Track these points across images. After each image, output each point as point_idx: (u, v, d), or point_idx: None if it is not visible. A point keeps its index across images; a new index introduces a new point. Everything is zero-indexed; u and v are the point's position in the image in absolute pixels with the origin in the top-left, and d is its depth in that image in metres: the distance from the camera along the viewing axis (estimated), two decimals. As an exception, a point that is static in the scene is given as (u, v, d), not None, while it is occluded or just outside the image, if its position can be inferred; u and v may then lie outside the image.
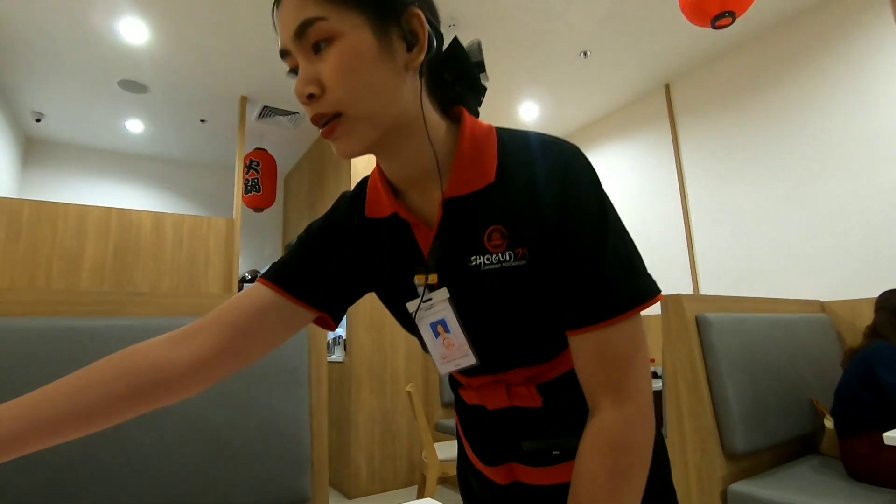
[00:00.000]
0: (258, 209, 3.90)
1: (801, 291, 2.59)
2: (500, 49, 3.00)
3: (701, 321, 1.63)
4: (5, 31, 2.73)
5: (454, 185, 0.52)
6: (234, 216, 3.37)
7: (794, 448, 1.74)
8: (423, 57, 0.50)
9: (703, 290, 3.09)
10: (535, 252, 0.51)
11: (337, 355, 3.59)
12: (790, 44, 2.76)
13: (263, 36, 2.82)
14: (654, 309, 0.67)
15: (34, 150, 4.10)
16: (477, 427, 0.65)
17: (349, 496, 2.87)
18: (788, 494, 1.39)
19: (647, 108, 3.56)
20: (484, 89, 0.59)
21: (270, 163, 3.92)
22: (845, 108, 2.52)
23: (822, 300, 2.33)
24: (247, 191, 3.78)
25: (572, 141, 0.59)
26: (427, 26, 0.50)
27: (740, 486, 1.48)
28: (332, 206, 0.63)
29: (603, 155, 3.88)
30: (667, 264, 3.28)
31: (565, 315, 0.51)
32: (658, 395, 1.40)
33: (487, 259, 0.52)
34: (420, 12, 0.49)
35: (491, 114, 3.81)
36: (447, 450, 2.30)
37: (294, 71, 0.50)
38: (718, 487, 1.48)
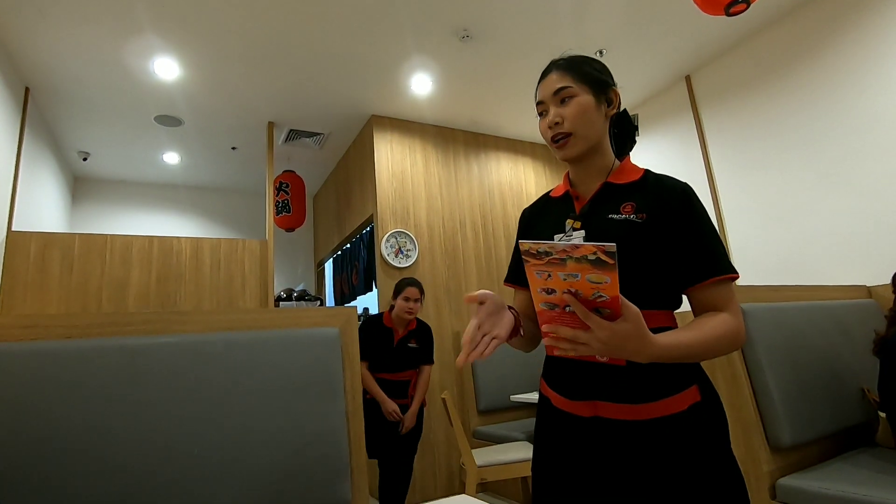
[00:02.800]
0: (290, 229, 4.03)
1: (846, 277, 2.48)
2: (513, 58, 3.02)
3: (736, 312, 1.58)
4: (52, 80, 2.94)
5: (613, 178, 0.92)
6: (266, 237, 3.49)
7: (846, 440, 1.66)
8: (614, 112, 0.94)
9: (740, 282, 2.99)
10: (651, 217, 0.84)
11: (372, 367, 3.63)
12: (816, 21, 2.68)
13: (286, 65, 2.95)
14: (686, 304, 0.89)
15: (82, 187, 4.37)
16: (565, 369, 0.87)
17: (392, 507, 2.89)
18: (845, 487, 1.32)
19: (669, 102, 3.51)
20: (634, 141, 0.99)
21: (299, 184, 4.05)
22: (879, 82, 2.42)
23: (868, 285, 2.23)
24: (278, 212, 3.91)
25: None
26: (619, 97, 0.94)
27: (790, 481, 1.42)
28: (520, 219, 1.09)
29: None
30: (700, 258, 3.20)
31: (686, 273, 0.83)
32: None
33: (618, 216, 0.86)
34: (616, 89, 0.94)
35: (510, 120, 3.83)
36: (484, 455, 2.30)
37: (541, 114, 0.94)
38: (766, 482, 1.43)
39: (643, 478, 0.77)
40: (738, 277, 0.82)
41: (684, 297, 0.88)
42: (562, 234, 0.91)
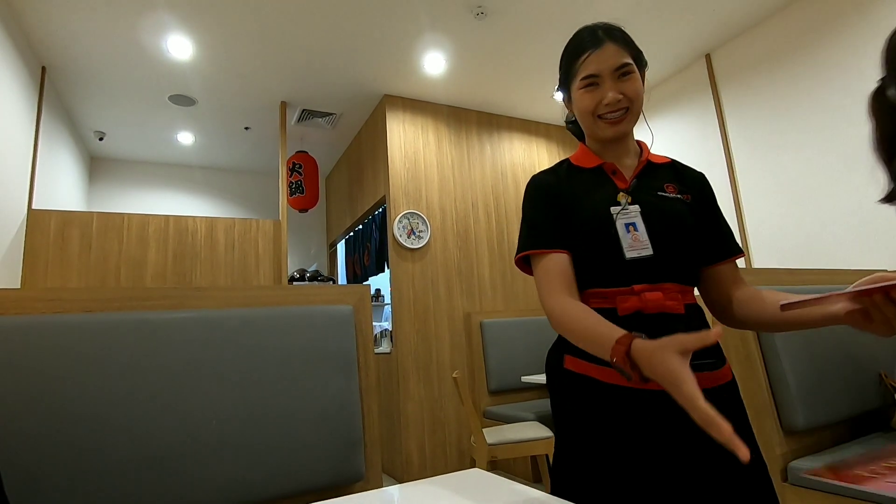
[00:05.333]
0: (303, 210, 4.05)
1: (865, 261, 2.43)
2: (529, 36, 2.96)
3: (752, 295, 1.56)
4: (67, 59, 2.96)
5: (651, 157, 0.96)
6: (280, 217, 3.51)
7: (862, 424, 1.65)
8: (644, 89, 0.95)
9: (757, 265, 2.95)
10: (693, 199, 0.92)
11: (384, 347, 3.68)
12: (843, -1, 2.58)
13: (299, 44, 2.92)
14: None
15: (98, 167, 4.42)
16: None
17: (402, 482, 2.95)
18: (857, 472, 1.32)
19: (688, 81, 3.42)
20: None
21: (312, 164, 4.05)
22: (909, 62, 2.33)
23: (888, 269, 2.18)
24: (291, 193, 3.92)
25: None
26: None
27: (802, 463, 1.42)
28: (536, 185, 0.97)
29: (644, 131, 3.76)
30: (716, 242, 3.15)
31: (714, 251, 0.92)
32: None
33: (669, 194, 0.90)
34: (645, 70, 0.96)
35: (524, 100, 3.77)
36: (495, 434, 2.33)
37: (590, 85, 0.90)
38: (779, 465, 1.43)
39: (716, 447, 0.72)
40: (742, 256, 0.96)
41: None
42: (619, 208, 0.88)
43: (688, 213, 0.88)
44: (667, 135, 3.58)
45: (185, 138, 4.17)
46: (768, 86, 2.93)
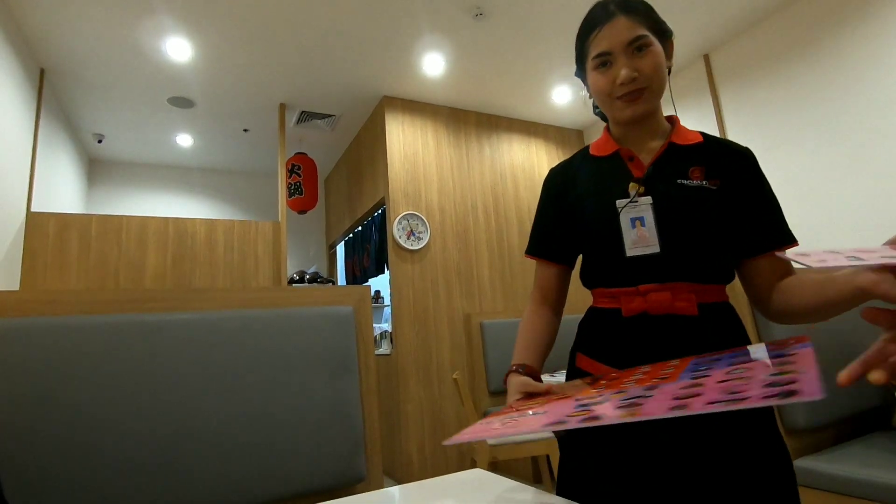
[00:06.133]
0: (302, 211, 4.05)
1: (866, 261, 2.43)
2: (528, 37, 2.96)
3: (752, 294, 1.56)
4: (66, 61, 2.95)
5: (676, 138, 0.83)
6: (279, 219, 3.51)
7: (863, 423, 1.65)
8: (671, 65, 0.83)
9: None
10: (724, 184, 0.79)
11: (384, 348, 3.68)
12: (841, -2, 2.58)
13: (297, 45, 2.92)
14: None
15: (97, 170, 4.42)
16: (635, 338, 0.79)
17: (402, 483, 2.94)
18: (860, 469, 1.32)
19: (686, 81, 3.42)
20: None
21: (311, 166, 4.05)
22: (907, 61, 2.33)
23: (889, 269, 2.18)
24: (290, 194, 3.92)
25: (612, 119, 0.90)
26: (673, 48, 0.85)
27: (805, 463, 1.42)
28: (546, 183, 0.95)
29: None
30: (716, 242, 3.15)
31: (757, 241, 0.78)
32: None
33: (690, 182, 0.79)
34: (673, 39, 0.84)
35: (523, 101, 3.77)
36: (496, 436, 2.32)
37: (603, 65, 0.81)
38: (779, 464, 1.43)
39: (721, 448, 0.71)
40: (796, 245, 0.77)
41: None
42: (626, 201, 0.80)
43: (713, 203, 0.77)
44: (666, 135, 3.58)
45: (184, 140, 4.17)
46: (766, 86, 2.93)
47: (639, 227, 0.79)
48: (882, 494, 1.24)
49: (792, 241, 0.78)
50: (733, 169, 0.80)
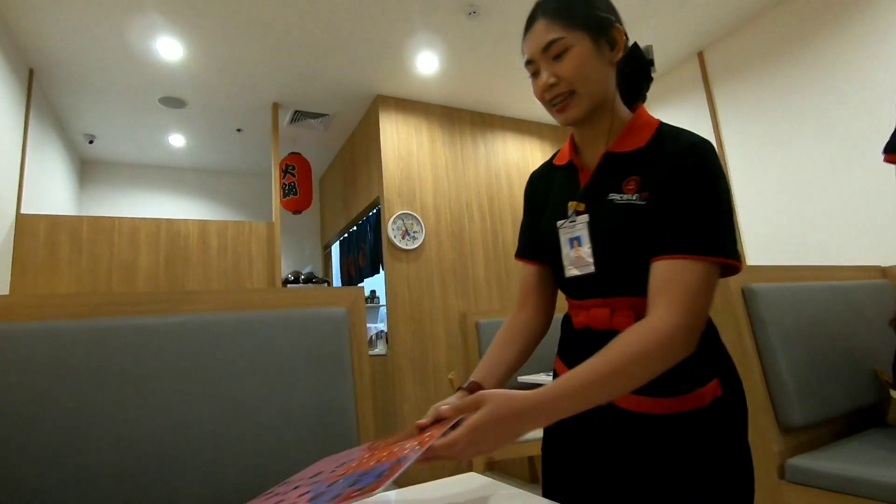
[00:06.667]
0: (296, 211, 4.03)
1: (860, 258, 2.44)
2: (521, 35, 2.95)
3: (747, 292, 1.56)
4: (56, 61, 2.92)
5: (615, 145, 0.77)
6: (273, 219, 3.49)
7: (858, 420, 1.65)
8: (620, 55, 0.77)
9: (751, 262, 2.96)
10: (653, 196, 0.71)
11: (379, 349, 3.67)
12: (833, -4, 2.59)
13: (290, 44, 2.90)
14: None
15: (89, 171, 4.38)
16: (580, 348, 0.78)
17: (399, 485, 2.93)
18: (855, 467, 1.32)
19: (680, 79, 3.43)
20: (651, 79, 0.82)
21: (305, 166, 4.03)
22: (899, 58, 2.34)
23: (883, 265, 2.19)
24: (284, 194, 3.90)
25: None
26: (625, 36, 0.77)
27: (799, 461, 1.42)
28: (526, 188, 0.95)
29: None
30: (710, 239, 3.16)
31: (655, 244, 0.69)
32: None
33: (620, 197, 0.73)
34: (620, 27, 0.77)
35: (518, 99, 3.77)
36: (493, 435, 2.31)
37: (533, 74, 0.78)
38: (775, 462, 1.43)
39: (653, 472, 0.72)
40: (728, 263, 0.66)
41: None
42: (564, 221, 0.79)
43: (639, 218, 0.71)
44: (660, 133, 3.59)
45: (177, 140, 4.14)
46: (761, 83, 2.94)
47: (576, 248, 0.77)
48: (877, 492, 1.24)
49: (696, 251, 0.65)
50: (668, 174, 0.70)
